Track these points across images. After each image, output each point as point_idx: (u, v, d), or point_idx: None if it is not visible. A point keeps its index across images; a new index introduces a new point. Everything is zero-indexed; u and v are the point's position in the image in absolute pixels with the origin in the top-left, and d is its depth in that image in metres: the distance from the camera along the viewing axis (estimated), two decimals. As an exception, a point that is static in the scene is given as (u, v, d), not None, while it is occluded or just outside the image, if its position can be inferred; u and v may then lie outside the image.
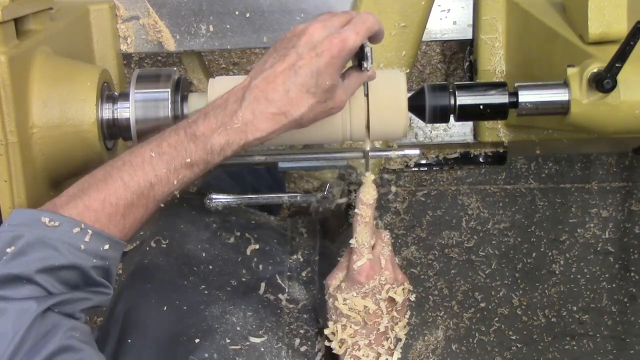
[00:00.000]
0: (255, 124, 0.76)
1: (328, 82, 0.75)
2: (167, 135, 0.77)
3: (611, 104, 0.85)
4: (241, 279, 1.02)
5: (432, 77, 1.99)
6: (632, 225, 2.09)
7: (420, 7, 1.05)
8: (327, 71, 0.74)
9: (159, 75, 0.88)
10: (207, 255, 1.05)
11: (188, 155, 0.76)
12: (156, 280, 0.98)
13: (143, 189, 0.76)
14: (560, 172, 2.08)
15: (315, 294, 1.02)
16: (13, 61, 0.77)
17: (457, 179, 2.07)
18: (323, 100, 0.76)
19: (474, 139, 1.21)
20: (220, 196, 1.05)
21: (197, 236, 1.07)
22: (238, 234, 1.10)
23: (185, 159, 0.76)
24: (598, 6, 0.90)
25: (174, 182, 0.77)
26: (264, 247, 1.09)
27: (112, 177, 0.76)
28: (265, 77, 0.76)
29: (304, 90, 0.75)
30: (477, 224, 2.08)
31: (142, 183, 0.76)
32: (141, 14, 1.09)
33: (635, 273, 2.12)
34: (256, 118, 0.76)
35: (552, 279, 2.11)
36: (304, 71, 0.74)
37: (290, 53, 0.75)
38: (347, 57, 0.76)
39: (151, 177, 0.76)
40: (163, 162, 0.76)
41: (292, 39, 0.76)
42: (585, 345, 2.14)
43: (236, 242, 1.09)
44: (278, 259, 1.08)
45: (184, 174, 0.77)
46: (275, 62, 0.76)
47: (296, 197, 1.09)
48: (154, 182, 0.76)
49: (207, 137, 0.76)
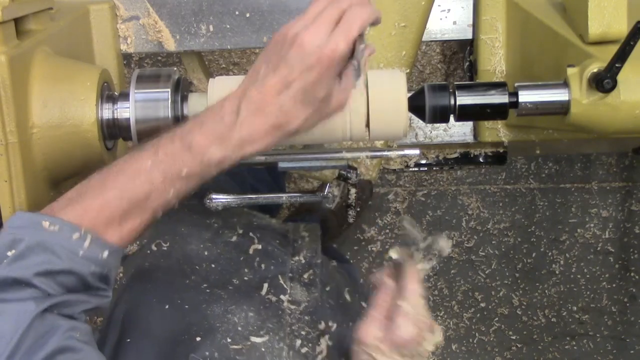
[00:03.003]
0: (252, 138, 0.75)
1: (322, 92, 0.74)
2: (164, 142, 0.76)
3: (611, 104, 0.85)
4: (243, 278, 1.02)
5: (432, 77, 1.99)
6: (632, 225, 2.09)
7: (420, 7, 1.05)
8: (319, 83, 0.73)
9: (159, 75, 0.88)
10: (209, 254, 1.05)
11: (184, 166, 0.75)
12: (157, 281, 0.98)
13: (138, 198, 0.75)
14: (560, 172, 2.08)
15: (317, 297, 1.02)
16: (13, 61, 0.77)
17: (457, 179, 2.07)
18: (319, 109, 0.75)
19: (474, 139, 1.21)
20: (221, 196, 1.05)
21: (198, 236, 1.07)
22: (240, 232, 1.10)
23: (181, 170, 0.75)
24: (598, 6, 0.90)
25: (169, 192, 0.76)
26: (267, 247, 1.09)
27: (107, 184, 0.75)
28: (259, 90, 0.74)
29: (298, 104, 0.74)
30: (477, 224, 2.08)
31: (138, 191, 0.75)
32: (141, 14, 1.09)
33: (635, 273, 2.12)
34: (253, 132, 0.75)
35: (552, 279, 2.11)
36: (296, 85, 0.73)
37: (281, 66, 0.73)
38: (341, 63, 0.74)
39: (146, 186, 0.75)
40: (159, 171, 0.75)
41: (283, 46, 0.74)
42: (585, 345, 2.14)
43: (238, 241, 1.09)
44: (280, 260, 1.08)
45: (180, 185, 0.76)
46: (267, 72, 0.75)
47: (296, 197, 1.09)
48: (149, 192, 0.75)
49: (203, 150, 0.75)
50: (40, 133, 0.83)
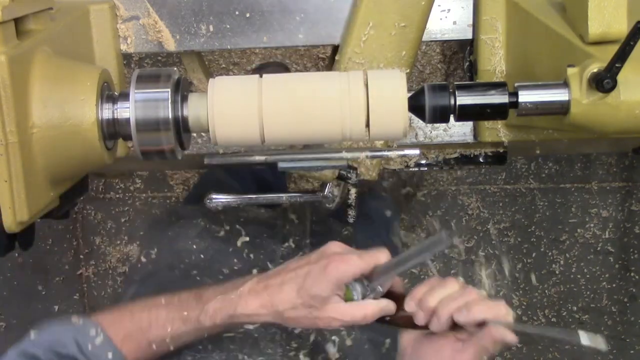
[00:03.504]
0: (247, 299, 0.83)
1: (315, 289, 0.80)
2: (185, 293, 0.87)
3: (611, 104, 0.84)
4: (233, 268, 1.04)
5: (432, 77, 1.99)
6: (632, 225, 2.09)
7: (420, 7, 1.05)
8: (318, 278, 0.80)
9: (159, 75, 0.88)
10: (197, 248, 1.08)
11: (186, 309, 0.84)
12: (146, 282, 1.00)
13: (141, 325, 0.84)
14: (560, 172, 2.08)
15: None
16: (13, 61, 0.77)
17: (457, 179, 2.08)
18: (308, 305, 0.80)
19: (474, 139, 1.21)
20: (221, 196, 1.05)
21: (186, 234, 1.10)
22: (228, 228, 1.12)
23: (183, 311, 0.84)
24: (598, 6, 0.90)
25: (167, 329, 0.84)
26: (254, 240, 1.11)
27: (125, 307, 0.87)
28: (276, 269, 0.85)
29: (293, 288, 0.81)
30: (477, 224, 2.08)
31: (143, 320, 0.84)
32: (141, 14, 1.09)
33: (635, 273, 2.12)
34: (249, 295, 0.83)
35: (552, 279, 2.11)
36: (300, 271, 0.82)
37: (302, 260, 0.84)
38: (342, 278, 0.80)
39: (152, 317, 0.84)
40: (166, 309, 0.85)
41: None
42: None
43: (226, 235, 1.11)
44: (269, 249, 1.09)
45: (178, 326, 0.84)
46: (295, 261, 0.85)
47: (296, 197, 1.09)
48: (151, 323, 0.84)
49: (207, 299, 0.84)
50: (40, 133, 0.83)
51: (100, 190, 2.21)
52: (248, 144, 0.86)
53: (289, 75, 0.87)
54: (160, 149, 0.85)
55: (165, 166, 1.97)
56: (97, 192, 2.21)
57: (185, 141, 0.89)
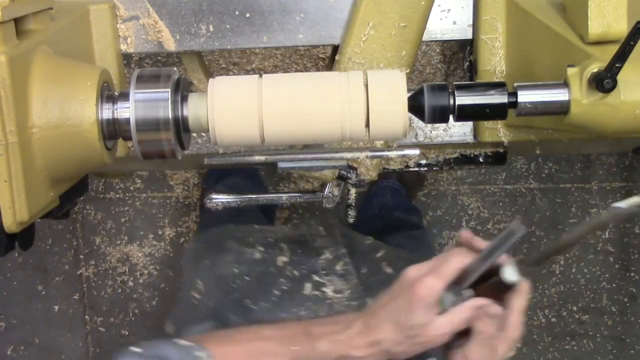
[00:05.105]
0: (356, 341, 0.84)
1: (411, 321, 0.81)
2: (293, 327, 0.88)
3: (611, 104, 0.85)
4: (282, 287, 1.05)
5: (432, 77, 1.99)
6: (632, 225, 2.09)
7: (420, 7, 1.05)
8: (409, 310, 0.81)
9: (159, 75, 0.88)
10: (239, 271, 1.08)
11: (296, 344, 0.85)
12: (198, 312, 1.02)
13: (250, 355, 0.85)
14: (560, 172, 2.08)
15: (355, 283, 1.05)
16: (13, 61, 0.77)
17: (457, 179, 2.08)
18: (411, 336, 0.82)
19: (474, 139, 1.21)
20: (220, 196, 1.05)
21: (223, 260, 1.10)
22: (262, 250, 1.13)
23: (293, 346, 0.85)
24: (598, 6, 0.90)
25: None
26: (292, 257, 1.11)
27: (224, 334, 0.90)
28: (373, 308, 0.86)
29: (391, 325, 0.82)
30: (477, 224, 2.08)
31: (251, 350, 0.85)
32: (141, 14, 1.09)
33: (635, 273, 2.12)
34: (357, 336, 0.84)
35: (552, 279, 2.11)
36: (390, 307, 0.83)
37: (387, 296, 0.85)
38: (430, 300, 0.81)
39: (261, 348, 0.85)
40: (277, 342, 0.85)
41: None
42: (585, 345, 2.14)
43: (263, 257, 1.12)
44: (309, 264, 1.10)
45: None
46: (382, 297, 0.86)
47: (296, 197, 1.09)
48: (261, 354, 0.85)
49: (317, 336, 0.85)
50: (40, 133, 0.83)
51: (100, 190, 2.21)
52: (248, 144, 0.86)
53: (288, 75, 0.87)
54: (160, 149, 0.85)
55: (165, 166, 1.97)
56: (97, 192, 2.21)
57: (185, 141, 0.89)
